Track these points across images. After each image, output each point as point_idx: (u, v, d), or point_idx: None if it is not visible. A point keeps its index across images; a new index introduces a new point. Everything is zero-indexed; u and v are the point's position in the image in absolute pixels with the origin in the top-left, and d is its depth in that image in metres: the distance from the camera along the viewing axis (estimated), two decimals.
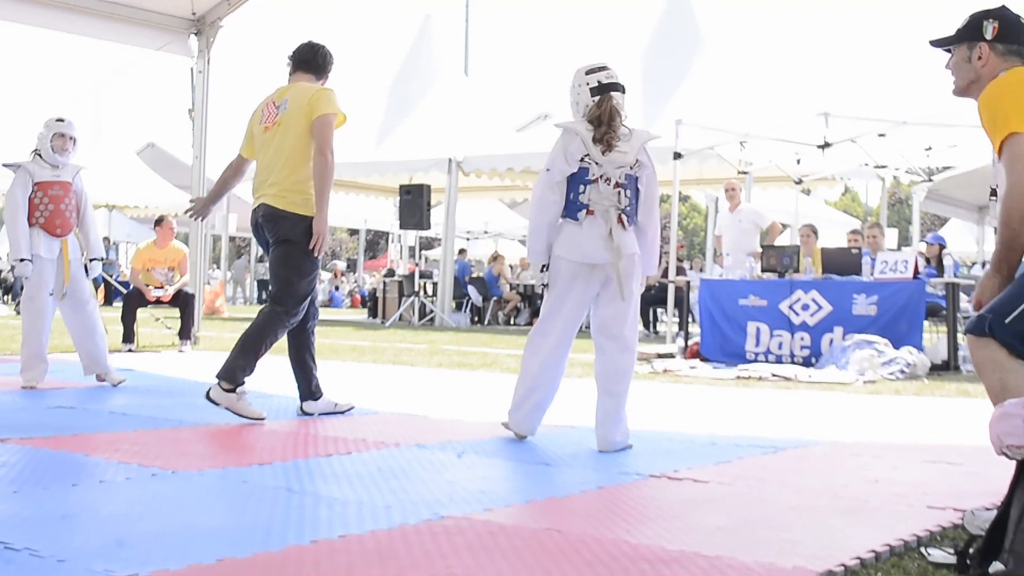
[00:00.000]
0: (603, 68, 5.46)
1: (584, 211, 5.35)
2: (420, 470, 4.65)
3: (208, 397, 6.03)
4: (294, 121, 6.12)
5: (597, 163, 5.32)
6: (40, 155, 7.97)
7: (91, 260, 8.25)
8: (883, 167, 16.25)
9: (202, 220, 7.06)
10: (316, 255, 6.18)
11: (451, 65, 25.25)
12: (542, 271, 5.50)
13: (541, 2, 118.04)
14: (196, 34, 13.17)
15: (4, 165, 8.20)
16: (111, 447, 5.10)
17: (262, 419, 6.08)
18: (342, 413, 6.51)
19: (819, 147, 13.78)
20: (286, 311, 6.12)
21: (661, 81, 18.43)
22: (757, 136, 14.32)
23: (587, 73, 5.44)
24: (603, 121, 5.32)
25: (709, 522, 3.68)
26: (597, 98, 5.37)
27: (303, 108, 6.11)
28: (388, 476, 4.46)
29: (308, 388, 6.49)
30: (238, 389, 6.03)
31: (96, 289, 34.48)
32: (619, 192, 5.34)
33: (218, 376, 6.05)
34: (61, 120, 8.05)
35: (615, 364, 5.40)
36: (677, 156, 13.46)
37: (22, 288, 8.02)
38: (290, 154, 6.11)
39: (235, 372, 6.02)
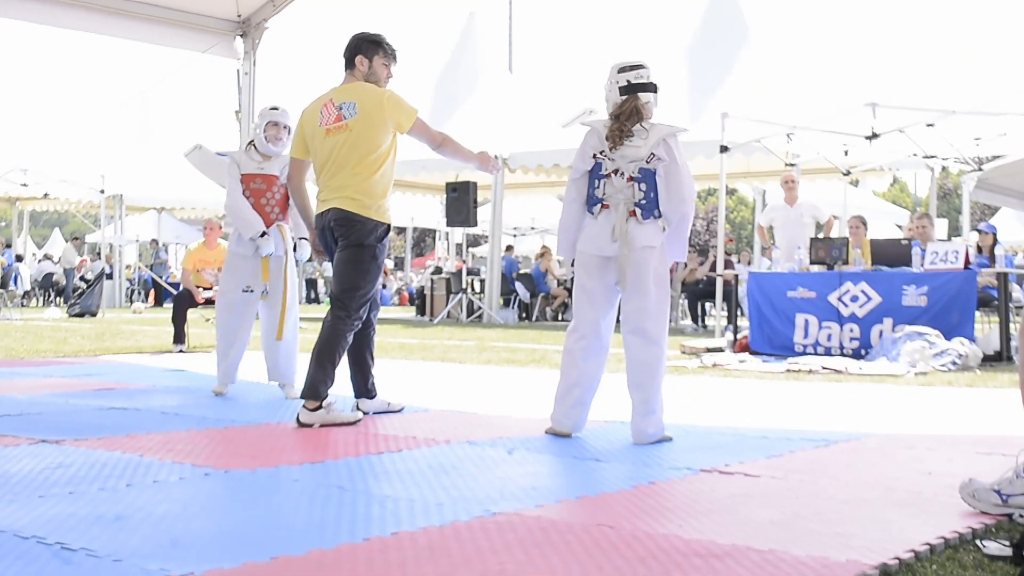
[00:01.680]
0: (636, 67, 5.50)
1: (599, 205, 5.47)
2: (471, 467, 4.66)
3: (299, 422, 5.94)
4: (365, 128, 6.03)
5: (610, 158, 5.42)
6: (255, 146, 7.72)
7: (299, 238, 7.75)
8: (932, 157, 16.10)
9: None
10: (493, 170, 6.46)
11: (495, 62, 25.31)
12: (572, 265, 5.68)
13: None
14: (242, 36, 13.29)
15: (218, 154, 8.03)
16: (164, 447, 5.15)
17: (359, 420, 6.10)
18: (394, 412, 6.53)
19: (867, 138, 13.68)
20: (349, 315, 6.07)
21: (707, 74, 18.38)
22: (804, 128, 14.21)
23: (619, 71, 5.51)
24: (619, 119, 5.40)
25: (761, 516, 3.67)
26: (624, 97, 5.44)
27: (376, 116, 6.03)
28: (439, 473, 4.48)
29: (364, 386, 6.50)
30: (324, 403, 5.98)
31: (147, 293, 34.17)
32: (633, 186, 5.39)
33: (302, 396, 6.00)
34: (275, 108, 7.70)
35: (639, 358, 5.42)
36: (724, 149, 13.41)
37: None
38: (361, 160, 6.03)
39: (317, 388, 5.97)
